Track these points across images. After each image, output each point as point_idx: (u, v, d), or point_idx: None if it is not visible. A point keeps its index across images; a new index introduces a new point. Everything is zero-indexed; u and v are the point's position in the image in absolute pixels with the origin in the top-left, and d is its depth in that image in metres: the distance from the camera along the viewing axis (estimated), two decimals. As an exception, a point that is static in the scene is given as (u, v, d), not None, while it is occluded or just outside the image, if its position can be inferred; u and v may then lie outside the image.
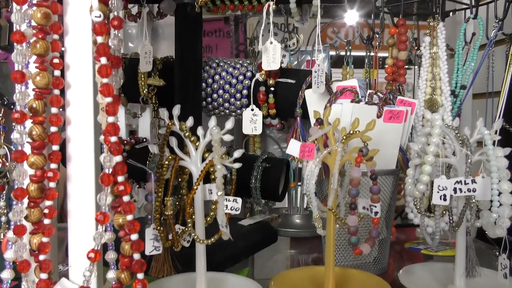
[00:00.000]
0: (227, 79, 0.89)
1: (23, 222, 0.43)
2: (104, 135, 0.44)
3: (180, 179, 0.62)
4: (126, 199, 0.45)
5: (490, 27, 0.92)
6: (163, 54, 0.92)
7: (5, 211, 0.76)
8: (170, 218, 0.59)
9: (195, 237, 0.59)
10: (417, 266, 0.74)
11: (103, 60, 0.43)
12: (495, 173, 0.61)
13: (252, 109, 0.87)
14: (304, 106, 0.86)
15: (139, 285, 0.45)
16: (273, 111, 0.88)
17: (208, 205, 0.60)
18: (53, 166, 0.44)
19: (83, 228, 0.47)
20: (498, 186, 0.61)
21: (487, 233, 0.63)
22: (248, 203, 1.04)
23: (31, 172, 0.43)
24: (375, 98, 0.79)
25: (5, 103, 0.79)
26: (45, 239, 0.44)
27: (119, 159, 0.44)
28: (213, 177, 0.59)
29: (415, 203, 0.65)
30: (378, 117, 0.76)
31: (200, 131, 0.60)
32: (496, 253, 0.88)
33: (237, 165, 0.61)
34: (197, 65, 0.83)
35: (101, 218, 0.44)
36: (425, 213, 0.66)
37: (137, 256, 0.45)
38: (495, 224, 0.61)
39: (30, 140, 0.43)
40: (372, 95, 0.80)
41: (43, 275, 0.44)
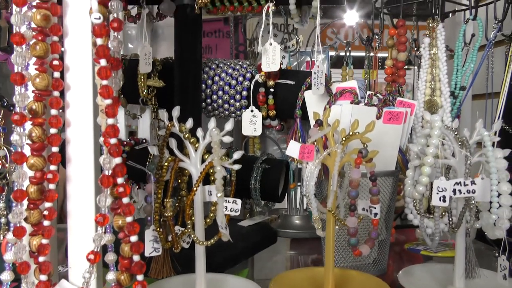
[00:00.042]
0: (226, 80, 0.89)
1: (23, 223, 0.43)
2: (103, 137, 0.44)
3: (179, 181, 0.62)
4: (125, 200, 0.45)
5: (489, 28, 0.92)
6: (162, 55, 0.92)
7: (5, 213, 0.76)
8: (169, 219, 0.59)
9: (194, 238, 0.59)
10: (416, 267, 0.74)
11: (103, 62, 0.43)
12: (495, 175, 0.61)
13: (251, 110, 0.87)
14: (303, 107, 0.86)
15: (139, 287, 0.45)
16: (272, 112, 0.88)
17: (207, 206, 0.60)
18: (53, 168, 0.44)
19: (82, 229, 0.47)
20: (497, 187, 0.61)
21: (486, 234, 0.63)
22: (247, 204, 1.03)
23: (31, 173, 0.43)
24: (375, 99, 0.79)
25: (5, 104, 0.79)
26: (44, 241, 0.44)
27: (118, 161, 0.44)
28: (212, 179, 0.59)
29: (415, 204, 0.65)
30: (377, 118, 0.76)
31: (199, 133, 0.60)
32: (495, 254, 0.88)
33: (237, 167, 0.61)
34: (197, 66, 0.83)
35: (101, 219, 0.44)
36: (425, 214, 0.66)
37: (136, 257, 0.45)
38: (494, 225, 0.61)
39: (29, 141, 0.43)
40: (371, 96, 0.80)
41: (43, 277, 0.44)
